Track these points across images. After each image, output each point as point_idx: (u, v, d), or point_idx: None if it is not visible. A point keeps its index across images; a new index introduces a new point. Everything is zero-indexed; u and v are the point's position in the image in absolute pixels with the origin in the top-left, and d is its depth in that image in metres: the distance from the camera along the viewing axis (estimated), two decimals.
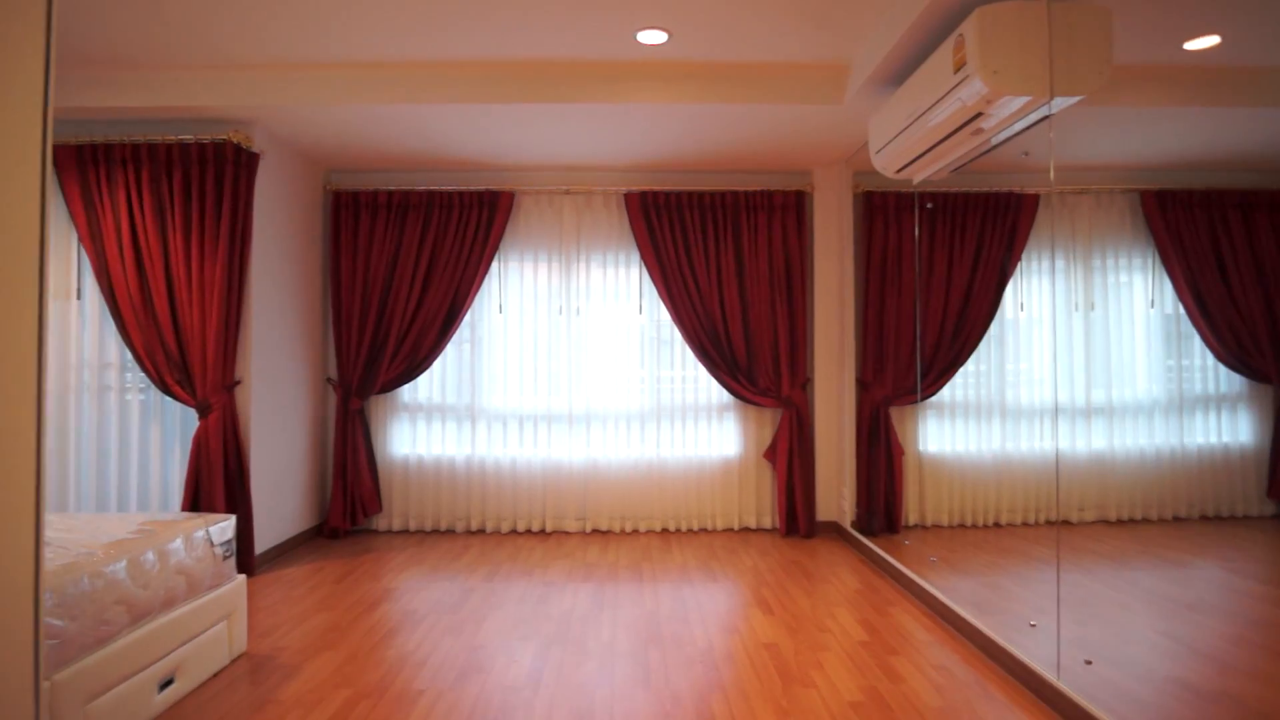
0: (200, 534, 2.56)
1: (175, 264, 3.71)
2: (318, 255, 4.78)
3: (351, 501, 4.67)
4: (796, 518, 4.79)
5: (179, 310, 3.71)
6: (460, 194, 4.73)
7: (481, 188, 4.74)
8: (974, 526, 3.97)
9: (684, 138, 4.24)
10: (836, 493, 4.88)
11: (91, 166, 3.74)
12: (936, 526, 4.32)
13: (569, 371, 4.86)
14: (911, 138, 3.09)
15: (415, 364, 4.72)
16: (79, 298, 3.83)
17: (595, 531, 4.87)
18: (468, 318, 4.85)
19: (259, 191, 4.00)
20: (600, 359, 4.89)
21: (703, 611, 3.34)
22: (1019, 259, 3.51)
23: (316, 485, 4.72)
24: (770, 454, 4.88)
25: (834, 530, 4.88)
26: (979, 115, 2.67)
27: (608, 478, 4.87)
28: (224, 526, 2.68)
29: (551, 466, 4.86)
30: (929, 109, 2.87)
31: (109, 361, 3.85)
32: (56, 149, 3.74)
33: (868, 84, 3.41)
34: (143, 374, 3.77)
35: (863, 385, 4.62)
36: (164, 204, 3.74)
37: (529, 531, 4.86)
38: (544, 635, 3.03)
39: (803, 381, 4.82)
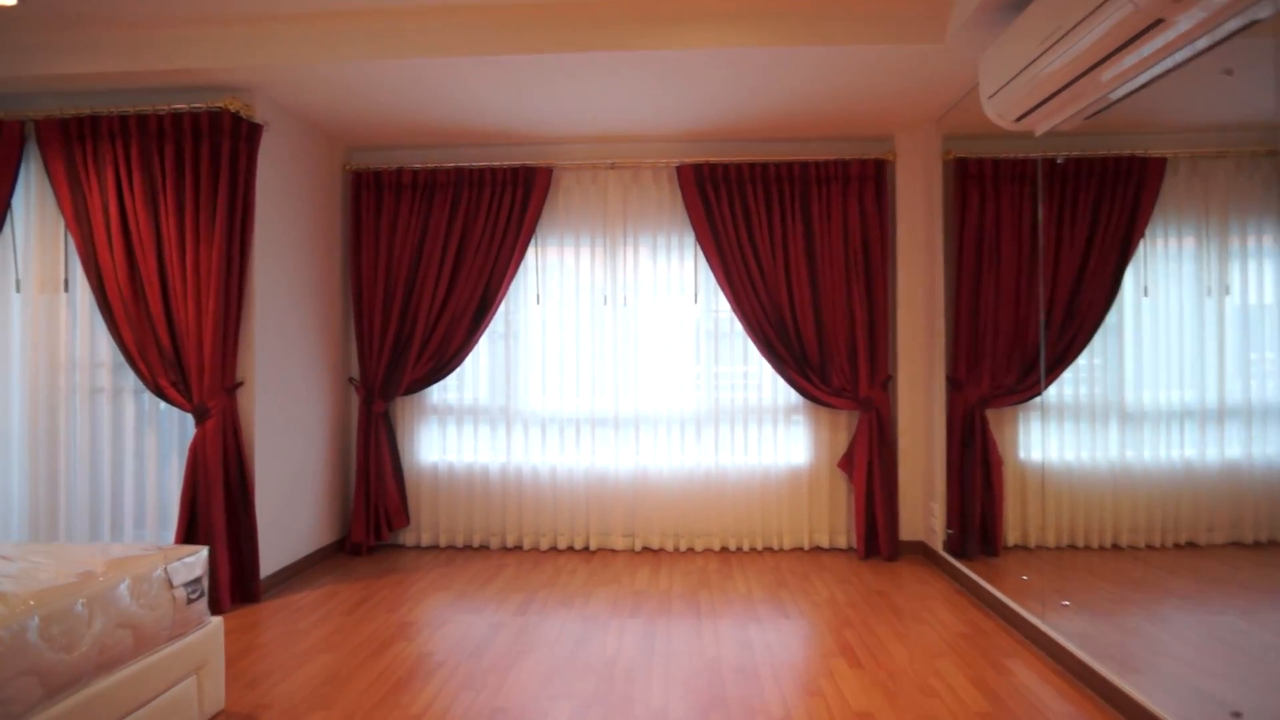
0: (158, 573, 2.08)
1: (168, 250, 3.28)
2: (337, 242, 4.33)
3: (375, 514, 4.21)
4: (877, 537, 4.13)
5: (172, 302, 3.29)
6: (492, 171, 4.21)
7: (516, 163, 4.21)
8: (1087, 548, 3.27)
9: (747, 97, 3.62)
10: (923, 508, 4.20)
11: (77, 142, 3.34)
12: (1042, 549, 3.61)
13: (615, 369, 4.30)
14: (1043, 72, 2.41)
15: (444, 361, 4.23)
16: (66, 290, 3.45)
17: (645, 550, 4.30)
18: (502, 309, 4.34)
19: (265, 169, 3.55)
20: (650, 355, 4.32)
21: (775, 662, 2.73)
22: (1142, 235, 2.82)
23: (337, 497, 4.28)
24: (846, 463, 4.22)
25: (920, 552, 4.20)
26: (1156, 24, 1.98)
27: (659, 489, 4.29)
28: (189, 562, 2.20)
29: (596, 476, 4.31)
30: (1076, 26, 2.19)
31: (101, 360, 3.46)
32: (39, 123, 3.36)
33: (980, 11, 2.73)
34: (135, 375, 3.36)
35: (954, 384, 3.92)
36: (155, 182, 3.31)
37: (570, 549, 4.32)
38: (581, 694, 2.47)
39: (883, 380, 4.15)
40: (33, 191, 3.47)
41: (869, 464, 4.12)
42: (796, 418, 4.33)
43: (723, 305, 4.32)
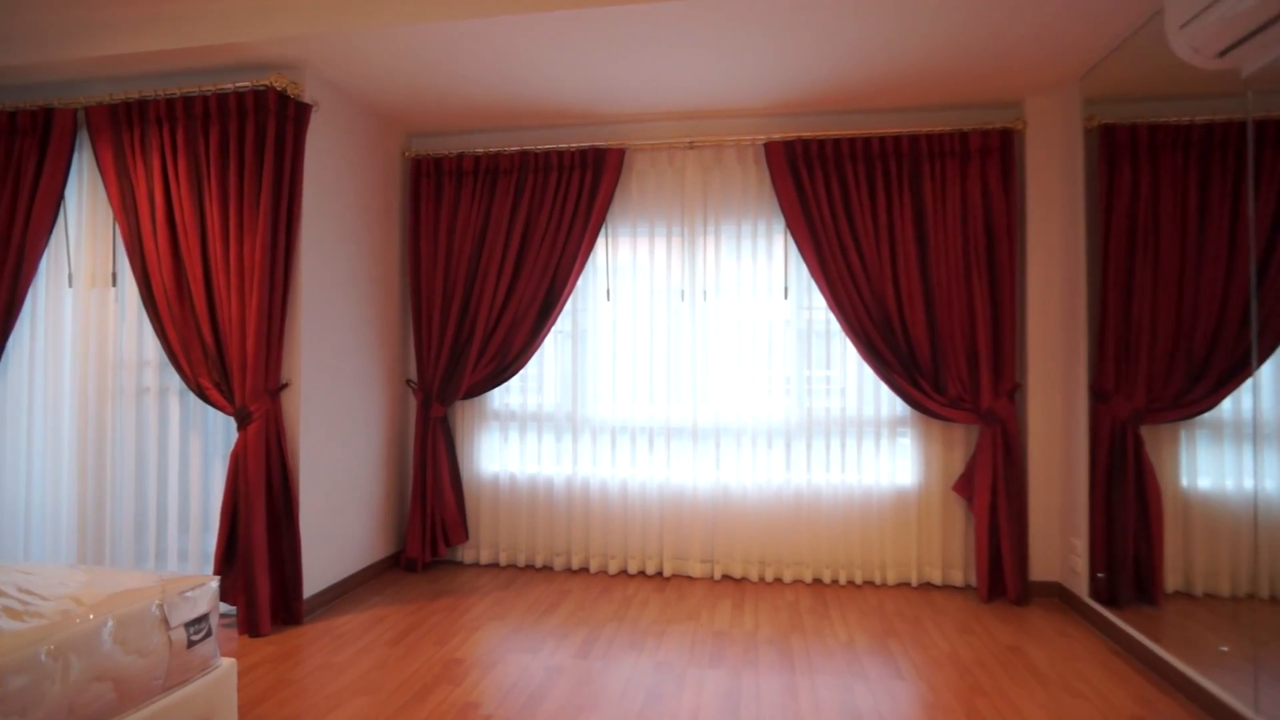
0: (152, 611, 1.76)
1: (212, 239, 3.04)
2: (394, 234, 4.04)
3: (432, 528, 3.89)
4: (1002, 575, 3.49)
5: (216, 296, 3.04)
6: (559, 153, 3.83)
7: (584, 144, 3.81)
8: (1275, 600, 2.58)
9: (845, 55, 3.09)
10: (1060, 544, 3.53)
11: (125, 128, 3.15)
12: (1213, 597, 2.92)
13: (693, 373, 3.83)
14: None
15: (506, 363, 3.87)
16: (115, 284, 3.27)
17: (726, 579, 3.81)
18: (568, 306, 3.95)
19: (316, 155, 3.27)
20: (733, 358, 3.82)
21: None
22: None
23: (393, 507, 3.99)
24: (964, 486, 3.60)
25: (1057, 594, 3.53)
26: None
27: (742, 509, 3.79)
28: (192, 597, 1.87)
29: (671, 493, 3.85)
30: None
31: (147, 359, 3.26)
32: (89, 110, 3.19)
33: None
34: (178, 374, 3.13)
35: (1100, 395, 3.26)
36: (200, 169, 3.08)
37: (642, 574, 3.87)
38: None
39: (1010, 389, 3.51)
40: (85, 182, 3.32)
41: (992, 488, 3.49)
42: (903, 431, 3.74)
43: (817, 301, 3.78)
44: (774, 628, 3.13)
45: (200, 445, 3.21)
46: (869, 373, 3.73)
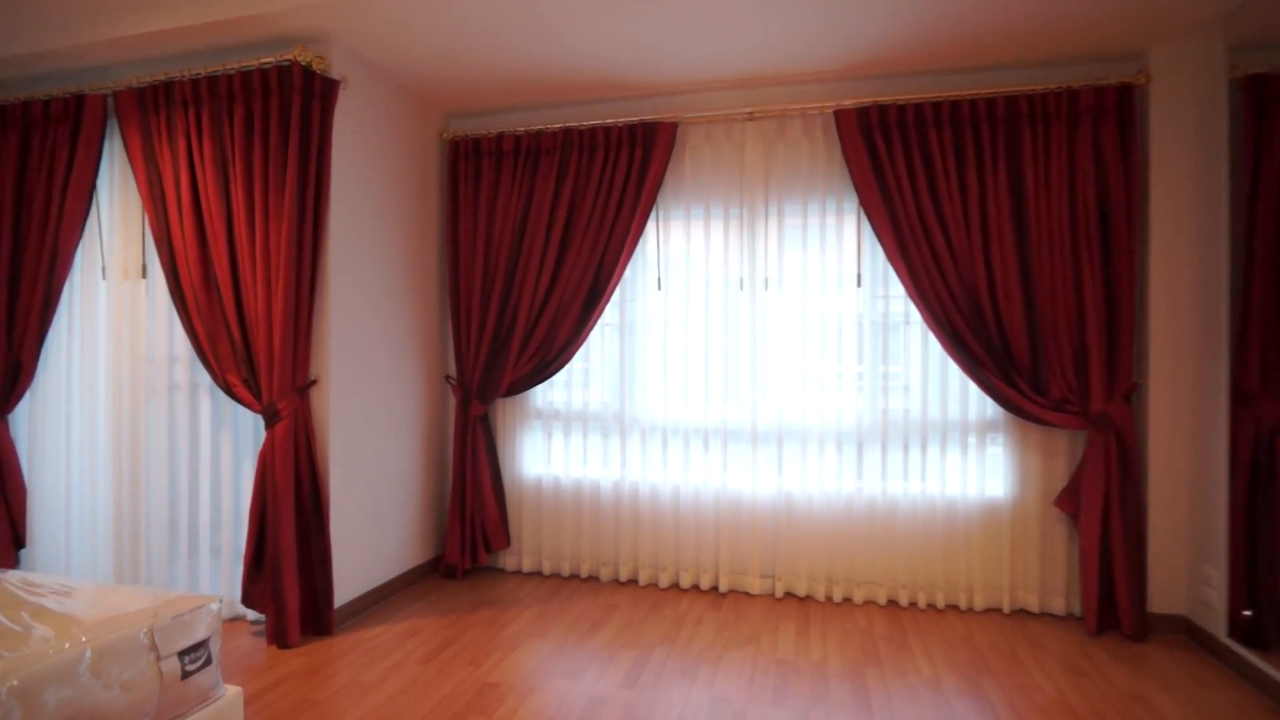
0: (140, 638, 1.55)
1: (238, 226, 2.86)
2: (431, 221, 3.82)
3: (472, 533, 3.67)
4: (1115, 605, 3.02)
5: (242, 287, 2.87)
6: (605, 129, 3.51)
7: (633, 119, 3.49)
8: None
9: (932, 3, 2.66)
10: (1187, 570, 3.02)
11: (152, 112, 3.01)
12: None
13: (753, 369, 3.47)
14: None
15: (549, 359, 3.60)
16: (145, 276, 3.15)
17: (789, 596, 3.45)
18: (615, 296, 3.64)
19: (344, 135, 3.06)
20: (798, 352, 3.44)
21: None
22: None
23: (432, 510, 3.79)
24: (1068, 500, 3.13)
25: (1182, 630, 3.03)
26: None
27: (807, 520, 3.42)
28: (187, 620, 1.66)
29: (728, 500, 3.51)
30: None
31: (177, 354, 3.13)
32: (118, 95, 3.07)
33: None
34: (206, 370, 2.98)
35: (1242, 397, 2.74)
36: (225, 152, 2.91)
37: (695, 589, 3.55)
38: None
39: (1126, 390, 3.01)
40: (116, 170, 3.21)
41: (1104, 504, 3.01)
42: (995, 437, 3.29)
43: (895, 289, 3.35)
44: (845, 658, 2.76)
45: (231, 444, 3.06)
46: (955, 370, 3.29)
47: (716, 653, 2.81)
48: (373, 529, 3.26)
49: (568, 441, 3.71)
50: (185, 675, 1.67)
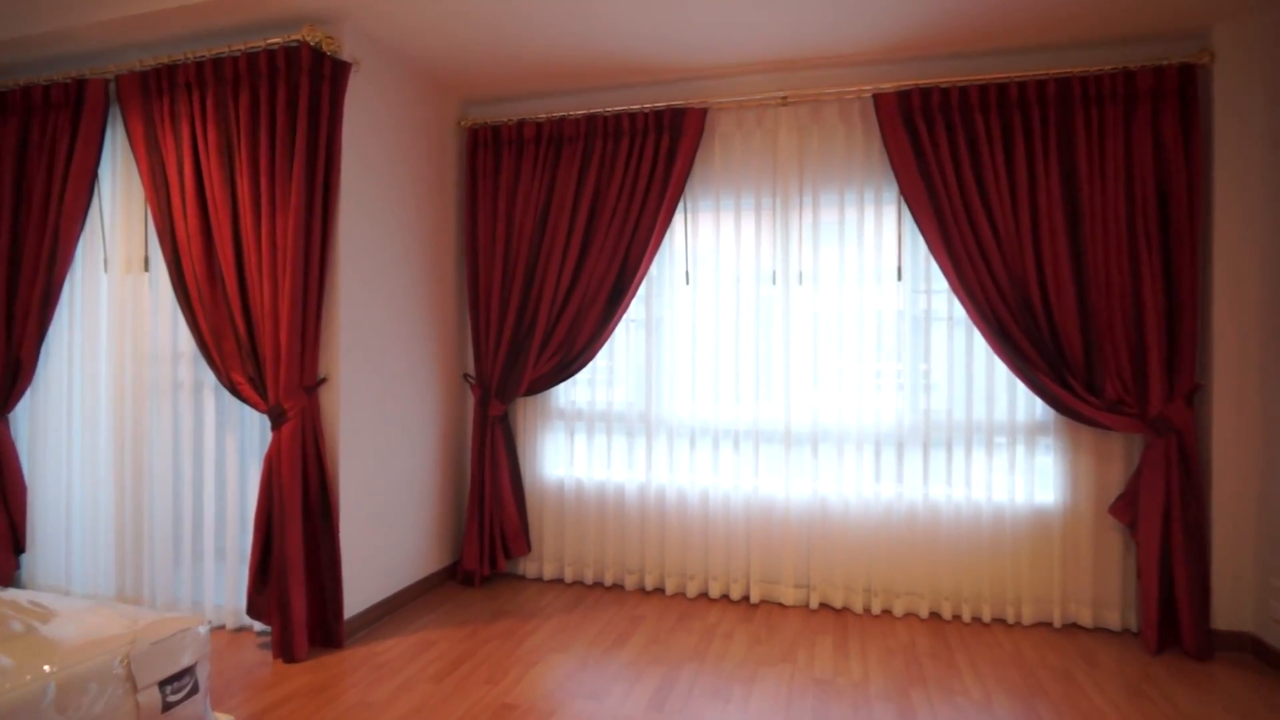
0: (116, 668, 1.39)
1: (243, 217, 2.71)
2: (449, 212, 3.66)
3: (491, 539, 3.51)
4: (1176, 621, 2.82)
5: (248, 281, 2.72)
6: (631, 116, 3.34)
7: (660, 104, 3.31)
8: None
9: None
10: (1257, 585, 2.81)
11: (155, 97, 2.87)
12: None
13: (786, 368, 3.29)
14: None
15: (572, 356, 3.43)
16: (147, 269, 3.01)
17: (824, 607, 3.27)
18: (641, 291, 3.47)
19: (356, 121, 2.91)
20: (834, 349, 3.26)
21: None
22: None
23: (450, 514, 3.63)
24: (1125, 508, 2.93)
25: (1250, 649, 2.82)
26: None
27: (844, 527, 3.24)
28: (169, 646, 1.50)
29: (760, 505, 3.33)
30: None
31: (181, 351, 2.99)
32: (120, 79, 2.93)
33: None
34: (210, 368, 2.84)
35: None
36: (230, 138, 2.76)
37: (725, 598, 3.38)
38: None
39: (1188, 391, 2.81)
40: (118, 159, 3.07)
41: (1164, 513, 2.81)
42: (1044, 440, 3.09)
43: (938, 283, 3.17)
44: (888, 677, 2.58)
45: (236, 445, 2.91)
46: (1001, 369, 3.10)
47: (750, 670, 2.63)
48: (385, 535, 3.11)
49: (591, 442, 3.54)
50: (166, 707, 1.51)
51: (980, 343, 3.12)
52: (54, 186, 3.00)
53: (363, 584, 2.96)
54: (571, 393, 3.58)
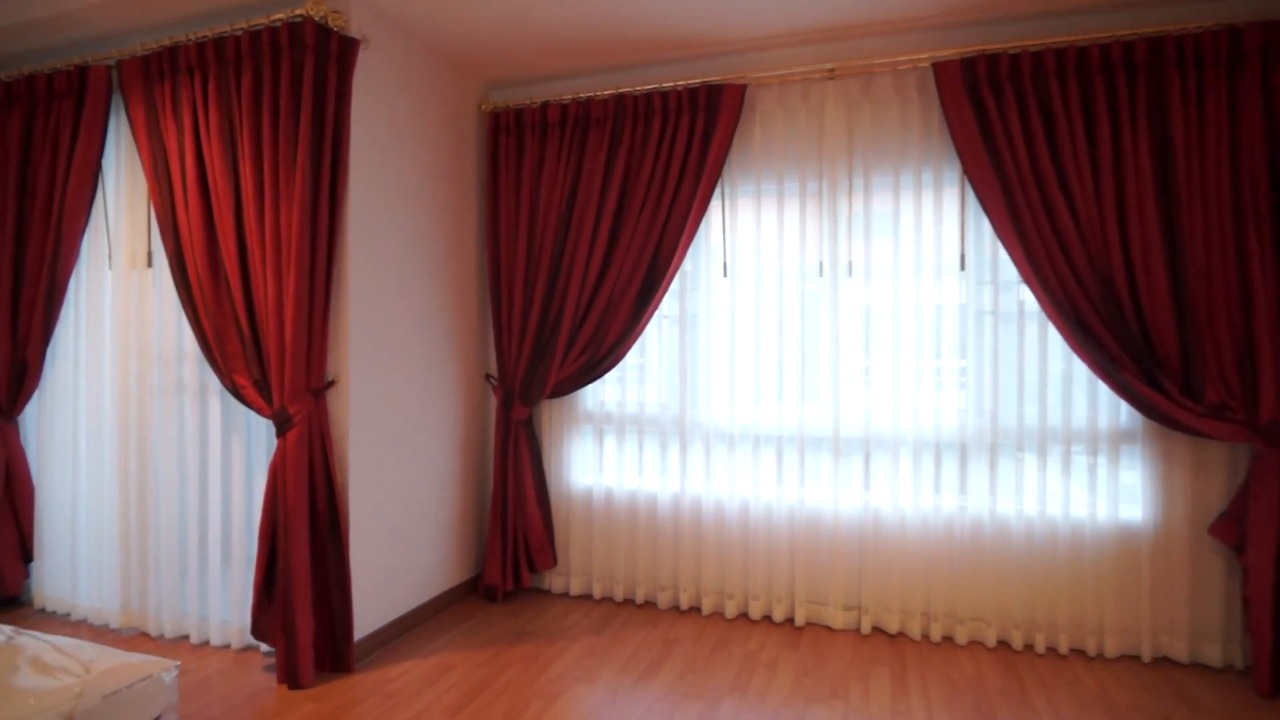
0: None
1: (246, 207, 2.52)
2: (469, 202, 3.44)
3: (514, 551, 3.28)
4: None
5: (251, 276, 2.53)
6: (663, 94, 3.07)
7: (694, 81, 3.04)
8: None
9: None
10: None
11: (157, 82, 2.70)
12: None
13: (834, 368, 2.99)
14: None
15: (600, 355, 3.18)
16: (150, 264, 2.84)
17: (877, 632, 2.96)
18: (675, 285, 3.20)
19: (365, 104, 2.70)
20: (889, 348, 2.95)
21: None
22: None
23: (471, 525, 3.42)
24: (1228, 528, 2.57)
25: None
26: None
27: (900, 543, 2.93)
28: (123, 697, 1.29)
29: (806, 518, 3.04)
30: None
31: (185, 351, 2.82)
32: (121, 65, 2.76)
33: None
34: (212, 369, 2.65)
35: None
36: (233, 123, 2.57)
37: (768, 620, 3.09)
38: None
39: None
40: (122, 148, 2.91)
41: (1277, 534, 2.45)
42: (1130, 449, 2.74)
43: (1006, 271, 2.83)
44: (955, 718, 2.27)
45: (242, 450, 2.73)
46: (1080, 368, 2.76)
47: (797, 708, 2.35)
48: (400, 549, 2.90)
49: (621, 448, 3.29)
50: None
51: (1056, 339, 2.78)
52: (58, 179, 2.86)
53: (375, 601, 2.75)
54: (600, 393, 3.33)
